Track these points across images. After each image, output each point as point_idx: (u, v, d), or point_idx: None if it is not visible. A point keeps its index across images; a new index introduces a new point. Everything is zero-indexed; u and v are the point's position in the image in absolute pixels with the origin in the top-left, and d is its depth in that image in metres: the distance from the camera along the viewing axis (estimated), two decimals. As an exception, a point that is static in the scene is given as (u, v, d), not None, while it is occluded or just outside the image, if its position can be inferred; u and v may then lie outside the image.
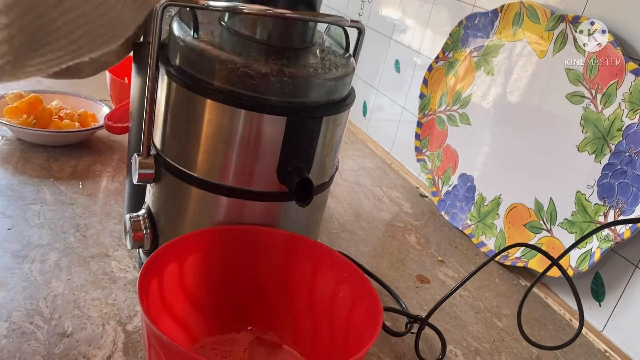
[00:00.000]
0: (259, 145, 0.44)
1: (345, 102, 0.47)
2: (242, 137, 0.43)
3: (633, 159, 0.58)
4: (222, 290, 0.47)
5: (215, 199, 0.46)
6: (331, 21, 0.46)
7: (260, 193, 0.46)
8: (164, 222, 0.49)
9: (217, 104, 0.43)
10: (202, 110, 0.43)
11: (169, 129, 0.46)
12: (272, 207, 0.47)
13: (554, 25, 0.67)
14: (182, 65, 0.44)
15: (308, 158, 0.46)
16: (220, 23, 0.46)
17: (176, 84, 0.44)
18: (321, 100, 0.45)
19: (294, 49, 0.45)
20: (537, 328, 0.62)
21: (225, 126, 0.43)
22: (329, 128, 0.46)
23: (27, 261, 0.53)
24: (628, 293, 0.60)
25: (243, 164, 0.44)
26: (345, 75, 0.46)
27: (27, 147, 0.73)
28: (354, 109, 1.10)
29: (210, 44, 0.42)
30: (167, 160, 0.47)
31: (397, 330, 0.53)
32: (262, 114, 0.43)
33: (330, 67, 0.45)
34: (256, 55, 0.42)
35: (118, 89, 0.81)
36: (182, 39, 0.43)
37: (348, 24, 0.47)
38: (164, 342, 0.33)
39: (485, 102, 0.78)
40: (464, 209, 0.79)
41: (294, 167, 0.45)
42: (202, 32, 0.44)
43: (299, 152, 0.45)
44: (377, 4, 1.04)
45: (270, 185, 0.45)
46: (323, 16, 0.44)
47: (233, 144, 0.44)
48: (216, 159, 0.45)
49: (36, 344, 0.44)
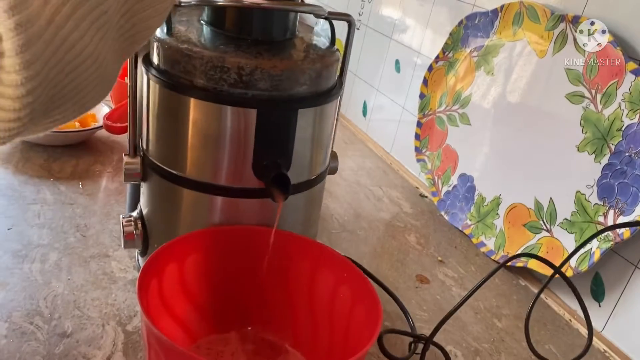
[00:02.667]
0: (237, 141, 0.43)
1: (329, 95, 0.46)
2: (220, 134, 0.43)
3: (633, 159, 0.58)
4: (221, 291, 0.47)
5: (202, 198, 0.46)
6: (307, 11, 0.44)
7: (248, 190, 0.45)
8: (154, 222, 0.49)
9: (194, 100, 0.42)
10: (181, 108, 0.43)
11: (152, 129, 0.46)
12: (264, 204, 0.46)
13: (554, 25, 0.67)
14: (160, 64, 0.44)
15: (285, 152, 0.45)
16: (199, 21, 0.46)
17: (154, 83, 0.44)
18: (301, 92, 0.44)
19: (273, 42, 0.45)
20: (537, 328, 0.62)
21: (204, 123, 0.43)
22: (313, 121, 0.45)
23: (27, 261, 0.53)
24: (628, 293, 0.60)
25: (226, 160, 0.44)
26: (324, 67, 0.45)
27: (27, 147, 0.73)
28: (354, 109, 1.10)
29: (186, 42, 0.42)
30: (152, 159, 0.47)
31: (399, 345, 0.53)
32: (236, 108, 0.42)
33: (308, 59, 0.44)
34: (231, 49, 0.42)
35: (118, 89, 0.81)
36: (158, 38, 0.43)
37: (326, 14, 0.45)
38: (163, 342, 0.33)
39: (485, 102, 0.78)
40: (463, 209, 0.79)
41: (271, 161, 0.44)
42: (180, 30, 0.44)
43: (274, 146, 0.44)
44: (377, 4, 1.04)
45: (257, 181, 0.45)
46: (299, 6, 0.43)
47: (214, 141, 0.43)
48: (197, 157, 0.44)
49: (36, 344, 0.45)
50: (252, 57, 0.41)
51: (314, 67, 0.44)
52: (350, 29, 0.49)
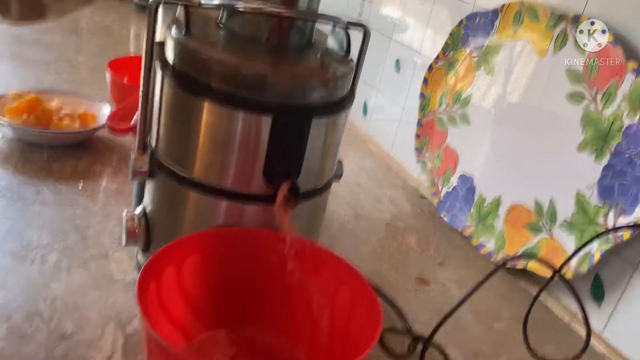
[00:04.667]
0: (249, 147, 0.43)
1: (343, 105, 0.46)
2: (233, 139, 0.43)
3: (633, 159, 0.58)
4: (220, 293, 0.47)
5: (209, 201, 0.46)
6: (327, 21, 0.45)
7: (257, 196, 0.45)
8: (157, 221, 0.49)
9: (209, 104, 0.42)
10: (195, 111, 0.43)
11: (162, 128, 0.46)
12: (269, 211, 0.46)
13: (554, 24, 0.67)
14: (176, 65, 0.44)
15: (297, 160, 0.45)
16: (217, 23, 0.46)
17: (169, 83, 0.44)
18: (316, 101, 0.44)
19: (291, 49, 0.45)
20: (537, 330, 0.62)
21: (217, 127, 0.43)
22: (325, 130, 0.46)
23: (26, 262, 0.53)
24: (628, 294, 0.60)
25: (236, 165, 0.44)
26: (340, 77, 0.45)
27: (27, 147, 0.73)
28: (354, 109, 1.10)
29: (203, 43, 0.42)
30: (160, 159, 0.47)
31: (398, 345, 0.53)
32: (251, 114, 0.42)
33: (325, 68, 0.44)
34: (250, 55, 0.42)
35: (118, 89, 0.81)
36: (176, 38, 0.43)
37: (345, 24, 0.45)
38: (162, 345, 0.33)
39: (485, 102, 0.78)
40: (463, 210, 0.79)
41: (282, 169, 0.44)
42: (197, 32, 0.43)
43: (286, 153, 0.44)
44: (377, 4, 1.04)
45: (266, 188, 0.45)
46: (320, 16, 0.43)
47: (226, 146, 0.43)
48: (207, 160, 0.44)
49: (35, 346, 0.45)
50: (270, 63, 0.41)
51: (331, 76, 0.44)
52: (365, 39, 0.48)
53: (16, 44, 1.10)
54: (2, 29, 1.15)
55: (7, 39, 1.11)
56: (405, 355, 0.51)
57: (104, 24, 1.38)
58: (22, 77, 0.95)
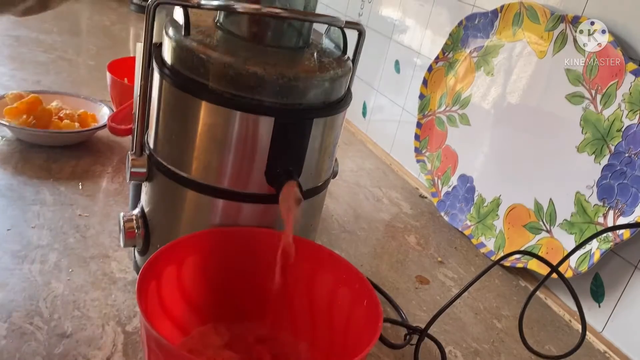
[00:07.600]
0: (249, 147, 0.43)
1: (340, 105, 0.47)
2: (233, 139, 0.43)
3: (633, 159, 0.58)
4: (220, 292, 0.47)
5: (207, 200, 0.45)
6: (325, 21, 0.45)
7: (255, 196, 0.45)
8: (156, 221, 0.49)
9: (208, 105, 0.42)
10: (193, 111, 0.43)
11: (161, 129, 0.46)
12: (268, 210, 0.46)
13: (553, 25, 0.67)
14: (174, 65, 0.44)
15: (298, 160, 0.45)
16: (216, 24, 0.46)
17: (168, 84, 0.44)
18: (315, 101, 0.44)
19: (289, 50, 0.45)
20: (536, 329, 0.62)
21: (217, 127, 0.43)
22: (323, 130, 0.46)
23: (26, 262, 0.53)
24: (627, 294, 0.60)
25: (236, 165, 0.44)
26: (339, 77, 0.45)
27: (27, 148, 0.73)
28: (354, 109, 1.10)
29: (202, 44, 0.42)
30: (159, 160, 0.47)
31: (396, 339, 0.53)
32: (252, 115, 0.42)
33: (324, 69, 0.44)
34: (248, 55, 0.42)
35: (118, 90, 0.81)
36: (174, 38, 0.43)
37: (343, 25, 0.46)
38: (162, 344, 0.33)
39: (485, 103, 0.78)
40: (463, 209, 0.79)
41: (283, 169, 0.44)
42: (195, 32, 0.43)
43: (288, 154, 0.44)
44: (377, 4, 1.04)
45: (265, 187, 0.45)
46: (317, 16, 0.43)
47: (225, 146, 0.43)
48: (206, 160, 0.44)
49: (36, 345, 0.45)
50: (270, 64, 0.41)
51: (330, 77, 0.44)
52: (360, 38, 0.48)
53: (16, 44, 1.10)
54: (2, 29, 1.15)
55: (7, 39, 1.11)
56: (401, 345, 0.52)
57: (104, 24, 1.38)
58: (22, 78, 0.95)
